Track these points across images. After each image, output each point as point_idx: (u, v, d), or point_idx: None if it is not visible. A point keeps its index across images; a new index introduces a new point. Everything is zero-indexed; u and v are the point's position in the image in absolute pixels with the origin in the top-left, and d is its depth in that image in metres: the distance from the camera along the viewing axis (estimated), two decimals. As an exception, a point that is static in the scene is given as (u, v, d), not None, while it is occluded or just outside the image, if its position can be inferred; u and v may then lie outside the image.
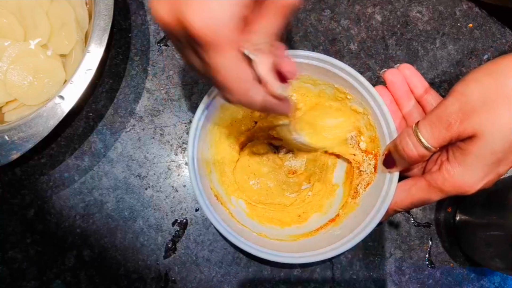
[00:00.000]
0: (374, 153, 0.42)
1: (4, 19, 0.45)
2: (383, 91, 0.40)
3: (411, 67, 0.40)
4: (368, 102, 0.40)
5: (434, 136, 0.33)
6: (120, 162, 0.47)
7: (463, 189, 0.33)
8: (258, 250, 0.37)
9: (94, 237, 0.45)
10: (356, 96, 0.41)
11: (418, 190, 0.36)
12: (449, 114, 0.32)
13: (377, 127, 0.40)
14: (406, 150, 0.35)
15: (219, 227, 0.37)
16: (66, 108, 0.41)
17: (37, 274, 0.45)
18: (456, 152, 0.33)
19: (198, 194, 0.38)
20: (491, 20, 0.50)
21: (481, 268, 0.45)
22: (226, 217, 0.40)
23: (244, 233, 0.40)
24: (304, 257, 0.37)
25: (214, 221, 0.37)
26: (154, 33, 0.50)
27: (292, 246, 0.40)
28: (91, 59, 0.42)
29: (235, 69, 0.26)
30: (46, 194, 0.46)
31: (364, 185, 0.42)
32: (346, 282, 0.45)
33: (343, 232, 0.39)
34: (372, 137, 0.41)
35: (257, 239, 0.40)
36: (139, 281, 0.45)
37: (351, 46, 0.49)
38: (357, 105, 0.41)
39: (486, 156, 0.32)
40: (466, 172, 0.33)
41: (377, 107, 0.39)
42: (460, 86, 0.33)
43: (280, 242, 0.41)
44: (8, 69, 0.44)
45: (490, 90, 0.31)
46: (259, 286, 0.44)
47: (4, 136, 0.41)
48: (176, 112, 0.48)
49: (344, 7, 0.50)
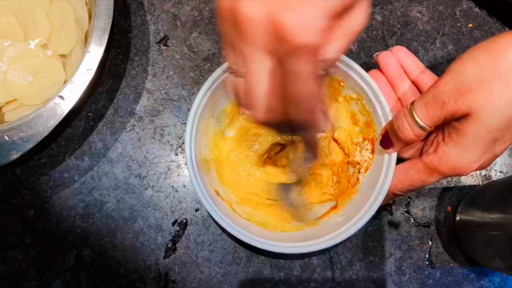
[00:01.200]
0: (371, 138, 0.42)
1: (4, 19, 0.45)
2: (377, 75, 0.40)
3: (404, 48, 0.40)
4: (362, 87, 0.40)
5: (429, 115, 0.33)
6: (120, 162, 0.47)
7: (459, 170, 0.33)
8: (262, 243, 0.37)
9: (94, 237, 0.45)
10: (349, 82, 0.41)
11: (415, 172, 0.36)
12: (443, 93, 0.32)
13: (371, 111, 0.40)
14: (402, 130, 0.35)
15: (218, 219, 0.37)
16: (66, 108, 0.41)
17: (37, 274, 0.45)
18: (451, 133, 0.33)
19: (197, 189, 0.37)
20: (491, 20, 0.50)
21: (481, 268, 0.45)
22: (227, 212, 0.40)
23: (246, 226, 0.40)
24: (308, 245, 0.37)
25: (214, 214, 0.37)
26: (154, 33, 0.50)
27: (295, 236, 0.40)
28: (91, 59, 0.42)
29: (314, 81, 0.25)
30: (46, 194, 0.46)
31: (363, 171, 0.42)
32: (346, 282, 0.45)
33: (345, 218, 0.39)
34: (367, 122, 0.42)
35: (259, 231, 0.40)
36: (139, 281, 0.45)
37: (351, 46, 0.49)
38: (350, 92, 0.42)
39: (481, 135, 0.31)
40: (462, 153, 0.33)
41: (370, 91, 0.39)
42: (456, 65, 0.32)
43: (283, 233, 0.41)
44: (8, 69, 0.44)
45: (486, 68, 0.31)
46: (259, 286, 0.44)
47: (4, 136, 0.41)
48: (176, 112, 0.48)
49: (344, 7, 0.50)
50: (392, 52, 0.40)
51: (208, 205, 0.37)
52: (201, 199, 0.37)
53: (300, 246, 0.38)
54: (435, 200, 0.46)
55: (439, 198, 0.46)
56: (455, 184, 0.47)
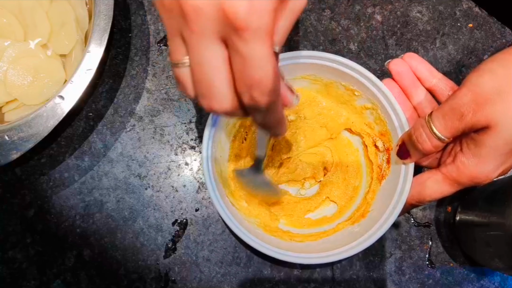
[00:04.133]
0: (386, 147, 0.42)
1: (4, 19, 0.45)
2: (390, 84, 0.40)
3: (416, 55, 0.40)
4: (376, 96, 0.39)
5: (447, 126, 0.33)
6: (120, 162, 0.47)
7: (479, 180, 0.33)
8: (283, 254, 0.37)
9: (94, 237, 0.45)
10: (364, 92, 0.40)
11: (434, 183, 0.36)
12: (462, 105, 0.32)
13: (387, 120, 0.40)
14: (420, 141, 0.34)
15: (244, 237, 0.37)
16: (66, 108, 0.41)
17: (37, 274, 0.45)
18: (470, 143, 0.33)
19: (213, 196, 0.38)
20: (491, 20, 0.50)
21: (481, 268, 0.45)
22: (240, 219, 0.40)
23: (261, 235, 0.40)
24: (327, 256, 0.37)
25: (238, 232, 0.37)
26: (154, 33, 0.50)
27: (311, 246, 0.40)
28: (91, 59, 0.42)
29: (274, 62, 0.25)
30: (46, 194, 0.46)
31: (378, 180, 0.42)
32: (346, 282, 0.45)
33: (361, 229, 0.39)
34: (383, 131, 0.42)
35: (278, 242, 0.40)
36: (139, 281, 0.45)
37: (351, 46, 0.49)
38: (365, 101, 0.41)
39: (500, 146, 0.32)
40: (481, 163, 0.33)
41: (385, 100, 0.39)
42: (473, 77, 0.32)
43: (300, 243, 0.41)
44: (8, 69, 0.44)
45: (503, 80, 0.31)
46: (259, 286, 0.44)
47: (4, 136, 0.41)
48: (176, 112, 0.48)
49: (344, 7, 0.50)
50: (403, 59, 0.40)
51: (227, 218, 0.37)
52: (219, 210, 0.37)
53: (320, 256, 0.38)
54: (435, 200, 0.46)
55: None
56: (455, 184, 0.47)
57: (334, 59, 0.39)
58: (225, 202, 0.39)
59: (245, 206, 0.43)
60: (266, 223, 0.43)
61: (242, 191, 0.44)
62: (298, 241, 0.41)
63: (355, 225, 0.41)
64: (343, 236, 0.41)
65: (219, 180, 0.40)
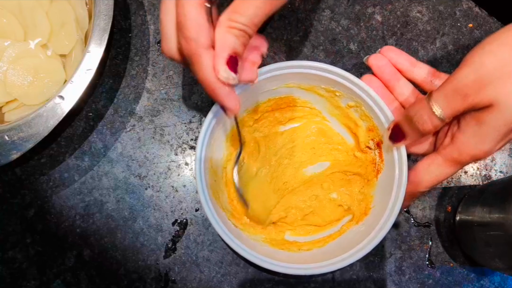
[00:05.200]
0: (376, 141, 0.42)
1: (4, 19, 0.45)
2: (370, 79, 0.40)
3: (393, 48, 0.40)
4: (357, 93, 0.40)
5: (450, 107, 0.33)
6: (120, 162, 0.47)
7: (479, 157, 0.34)
8: (297, 269, 0.38)
9: (94, 237, 0.45)
10: (344, 91, 0.41)
11: (437, 167, 0.36)
12: (464, 85, 0.32)
13: (372, 115, 0.41)
14: (421, 122, 0.35)
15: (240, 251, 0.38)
16: (66, 108, 0.41)
17: (37, 274, 0.45)
18: (470, 122, 0.34)
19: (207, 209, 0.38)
20: (491, 20, 0.50)
21: (481, 268, 0.45)
22: (238, 234, 0.40)
23: (274, 253, 0.40)
24: (340, 261, 0.38)
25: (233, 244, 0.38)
26: (154, 33, 0.50)
27: (319, 254, 0.41)
28: (91, 59, 0.42)
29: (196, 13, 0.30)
30: (46, 194, 0.46)
31: (374, 175, 0.43)
32: (346, 282, 0.45)
33: (367, 228, 0.40)
34: (370, 127, 0.42)
35: (287, 256, 0.40)
36: (139, 281, 0.45)
37: (351, 46, 0.49)
38: (348, 100, 0.42)
39: (501, 125, 0.32)
40: (481, 142, 0.33)
41: (367, 96, 0.40)
42: (475, 56, 0.32)
43: (308, 252, 0.41)
44: (8, 69, 0.44)
45: (505, 60, 0.31)
46: (259, 286, 0.44)
47: (4, 136, 0.41)
48: (176, 112, 0.48)
49: (344, 7, 0.50)
50: (381, 53, 0.40)
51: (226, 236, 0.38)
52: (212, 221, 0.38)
53: (332, 263, 0.38)
54: (435, 200, 0.46)
55: (439, 198, 0.46)
56: (455, 184, 0.47)
57: (310, 65, 0.40)
58: (228, 226, 0.39)
59: (247, 223, 0.44)
60: (272, 237, 0.44)
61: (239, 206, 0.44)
62: (306, 250, 0.41)
63: (360, 224, 0.41)
64: (350, 238, 0.41)
65: (217, 205, 0.40)
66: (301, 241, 0.44)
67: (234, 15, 0.31)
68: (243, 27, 0.31)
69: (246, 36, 0.31)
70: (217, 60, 0.31)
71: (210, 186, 0.39)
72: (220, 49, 0.31)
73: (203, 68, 0.31)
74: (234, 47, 0.31)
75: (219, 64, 0.31)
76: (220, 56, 0.31)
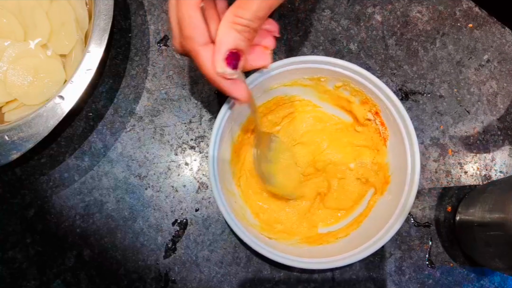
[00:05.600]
0: (374, 111, 0.43)
1: (4, 19, 0.45)
2: None
3: None
4: (342, 73, 0.41)
5: None
6: (120, 162, 0.47)
7: None
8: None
9: (94, 237, 0.45)
10: (328, 75, 0.42)
11: None
12: None
13: (363, 90, 0.42)
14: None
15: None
16: (66, 108, 0.41)
17: (37, 274, 0.45)
18: None
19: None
20: (491, 20, 0.50)
21: (481, 268, 0.45)
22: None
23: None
24: (381, 238, 0.38)
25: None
26: (154, 33, 0.50)
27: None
28: (91, 59, 0.42)
29: (191, 11, 0.31)
30: (46, 194, 0.46)
31: (382, 143, 0.44)
32: (346, 282, 0.45)
33: (393, 197, 0.40)
34: (363, 100, 0.43)
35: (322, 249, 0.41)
36: (139, 281, 0.45)
37: (351, 46, 0.49)
38: (334, 82, 0.43)
39: None
40: None
41: (353, 73, 0.41)
42: None
43: (345, 239, 0.42)
44: (8, 69, 0.44)
45: None
46: (259, 286, 0.44)
47: (4, 136, 0.41)
48: (176, 112, 0.48)
49: (344, 7, 0.50)
50: None
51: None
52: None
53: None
54: (435, 200, 0.46)
55: (439, 198, 0.46)
56: (455, 184, 0.47)
57: (287, 62, 0.41)
58: (260, 239, 0.39)
59: (280, 230, 0.44)
60: (306, 235, 0.44)
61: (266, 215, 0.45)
62: (344, 237, 0.42)
63: (385, 195, 0.42)
64: (381, 210, 0.42)
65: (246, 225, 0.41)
66: (335, 229, 0.44)
67: (238, 10, 0.31)
68: (247, 22, 0.31)
69: (250, 31, 0.32)
70: (216, 55, 0.32)
71: (233, 210, 0.40)
72: (219, 45, 0.32)
73: (202, 63, 0.32)
74: (236, 42, 0.32)
75: (217, 60, 0.32)
76: (219, 51, 0.32)
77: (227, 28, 0.31)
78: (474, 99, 0.48)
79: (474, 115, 0.48)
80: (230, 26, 0.31)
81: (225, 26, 0.31)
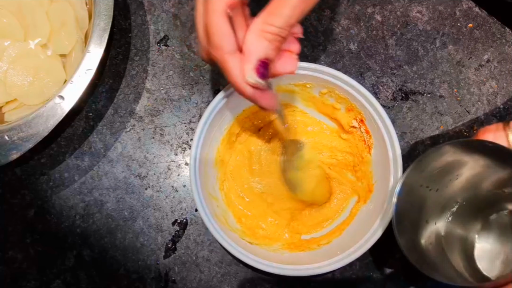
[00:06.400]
0: (359, 119, 0.43)
1: (4, 19, 0.45)
2: None
3: None
4: (327, 80, 0.41)
5: None
6: (120, 162, 0.47)
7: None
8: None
9: (94, 237, 0.45)
10: (314, 82, 0.42)
11: None
12: None
13: (348, 97, 0.42)
14: None
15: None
16: (66, 108, 0.41)
17: (37, 274, 0.45)
18: None
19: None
20: (491, 20, 0.50)
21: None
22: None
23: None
24: (361, 246, 0.38)
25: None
26: (154, 33, 0.50)
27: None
28: (91, 59, 0.42)
29: (219, 20, 0.30)
30: (46, 194, 0.46)
31: (366, 151, 0.43)
32: (346, 282, 0.45)
33: (375, 205, 0.40)
34: (348, 107, 0.43)
35: (306, 255, 0.41)
36: (139, 281, 0.45)
37: (351, 46, 0.49)
38: (319, 88, 0.43)
39: None
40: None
41: (338, 80, 0.41)
42: None
43: (326, 246, 0.42)
44: (8, 69, 0.44)
45: None
46: (258, 286, 0.44)
47: (4, 136, 0.41)
48: (176, 112, 0.48)
49: (344, 7, 0.50)
50: None
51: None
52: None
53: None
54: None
55: (439, 198, 0.46)
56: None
57: None
58: (243, 246, 0.39)
59: (261, 236, 0.44)
60: (289, 242, 0.44)
61: None
62: (326, 244, 0.42)
63: (368, 203, 0.42)
64: (363, 219, 0.42)
65: (227, 229, 0.41)
66: (318, 236, 0.44)
67: (269, 18, 0.30)
68: (278, 30, 0.30)
69: (280, 40, 0.31)
70: (245, 65, 0.31)
71: (215, 215, 0.40)
72: (249, 54, 0.31)
73: (230, 72, 0.31)
74: (266, 52, 0.31)
75: (247, 70, 0.31)
76: (249, 61, 0.31)
77: (257, 36, 0.30)
78: (474, 99, 0.48)
79: (474, 115, 0.48)
80: (260, 34, 0.30)
81: (254, 34, 0.30)
